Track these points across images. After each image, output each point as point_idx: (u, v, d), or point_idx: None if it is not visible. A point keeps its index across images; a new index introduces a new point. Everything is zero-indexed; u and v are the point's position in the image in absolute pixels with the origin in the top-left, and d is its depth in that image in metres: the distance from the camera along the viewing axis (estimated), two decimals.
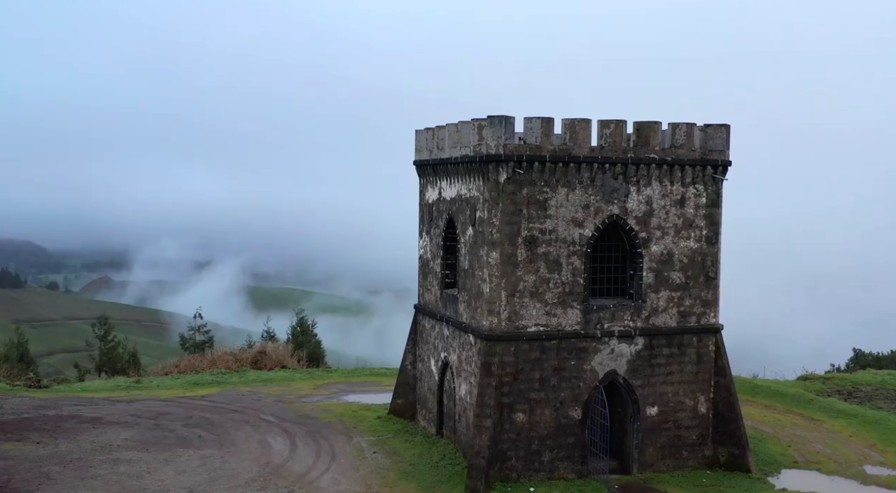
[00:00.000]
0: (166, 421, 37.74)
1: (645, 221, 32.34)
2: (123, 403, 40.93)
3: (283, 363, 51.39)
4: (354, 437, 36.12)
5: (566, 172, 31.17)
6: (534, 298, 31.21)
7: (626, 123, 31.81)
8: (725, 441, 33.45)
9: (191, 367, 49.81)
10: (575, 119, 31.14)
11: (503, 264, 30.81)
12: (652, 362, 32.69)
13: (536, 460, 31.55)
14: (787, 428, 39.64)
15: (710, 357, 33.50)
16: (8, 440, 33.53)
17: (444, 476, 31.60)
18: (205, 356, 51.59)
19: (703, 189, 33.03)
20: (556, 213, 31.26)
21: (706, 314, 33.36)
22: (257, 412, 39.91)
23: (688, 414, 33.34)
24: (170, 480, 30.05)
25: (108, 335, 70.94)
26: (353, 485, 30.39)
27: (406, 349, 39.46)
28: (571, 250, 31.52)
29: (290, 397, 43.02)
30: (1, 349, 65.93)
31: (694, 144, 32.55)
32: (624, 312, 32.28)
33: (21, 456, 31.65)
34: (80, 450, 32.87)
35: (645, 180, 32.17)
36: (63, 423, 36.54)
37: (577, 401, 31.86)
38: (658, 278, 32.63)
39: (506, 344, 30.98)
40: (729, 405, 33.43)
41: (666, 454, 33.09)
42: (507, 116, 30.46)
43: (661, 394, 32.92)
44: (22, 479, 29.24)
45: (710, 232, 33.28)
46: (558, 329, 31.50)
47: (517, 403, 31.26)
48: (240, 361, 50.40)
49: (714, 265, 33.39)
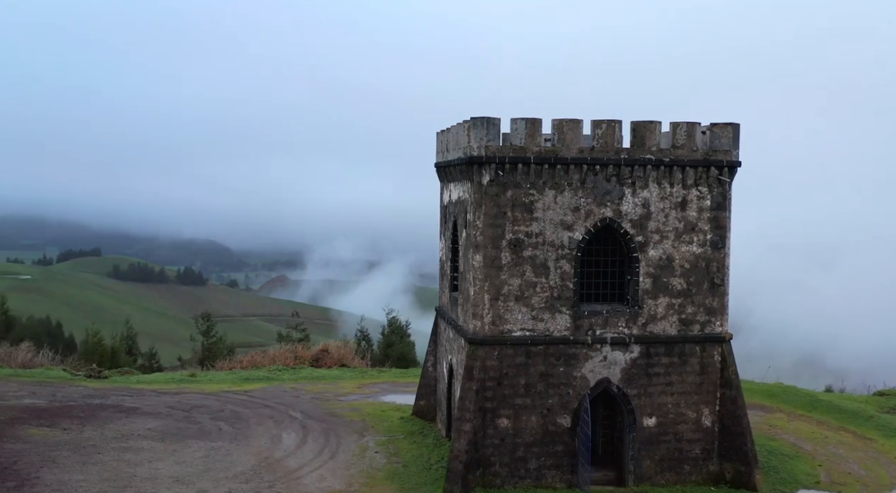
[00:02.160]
0: (197, 414, 39.39)
1: (641, 224, 31.16)
2: (168, 395, 43.01)
3: (342, 362, 52.43)
4: (366, 436, 36.56)
5: (554, 173, 30.48)
6: (519, 302, 30.67)
7: (621, 123, 30.79)
8: (731, 457, 31.75)
9: (252, 363, 51.62)
10: (563, 119, 30.41)
11: (486, 268, 30.47)
12: (649, 371, 31.45)
13: (522, 467, 30.98)
14: (830, 446, 37.14)
15: (715, 368, 31.89)
16: (39, 426, 35.95)
17: (431, 479, 31.51)
18: (266, 353, 53.31)
19: (707, 191, 31.49)
20: (543, 216, 30.60)
21: (711, 323, 31.77)
22: (288, 408, 41.02)
23: (690, 427, 31.85)
24: (165, 469, 31.40)
25: (210, 331, 74.94)
26: (336, 483, 30.81)
27: (428, 351, 39.61)
28: (560, 253, 30.77)
29: (327, 396, 43.95)
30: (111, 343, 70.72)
31: (696, 144, 31.10)
32: (618, 318, 31.21)
33: (40, 441, 33.88)
34: (100, 437, 34.82)
35: (641, 182, 31.01)
36: (100, 412, 38.81)
37: (565, 409, 31.07)
38: (656, 284, 31.36)
39: (489, 348, 30.60)
40: (735, 419, 31.69)
41: (665, 468, 31.75)
42: (490, 117, 30.12)
43: (660, 405, 31.61)
44: (28, 462, 31.33)
45: (715, 236, 31.68)
46: (546, 335, 30.82)
47: (501, 408, 30.80)
48: (300, 358, 51.79)
49: (720, 271, 31.76)
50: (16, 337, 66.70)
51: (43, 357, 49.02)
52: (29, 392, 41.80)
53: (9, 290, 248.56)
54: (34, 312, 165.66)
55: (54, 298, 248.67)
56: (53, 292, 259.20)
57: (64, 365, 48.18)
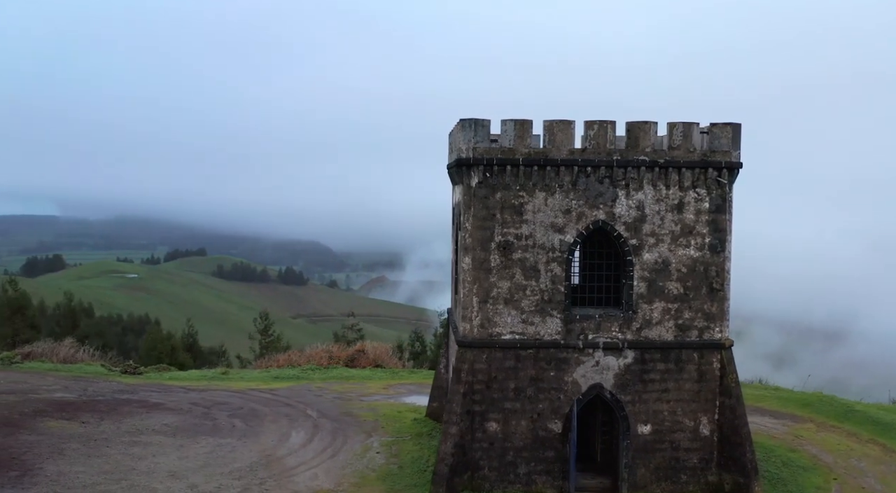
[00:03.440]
0: (216, 410, 40.27)
1: (636, 226, 30.49)
2: (195, 392, 44.10)
3: (378, 363, 52.79)
4: (373, 436, 36.76)
5: (544, 175, 30.10)
6: (509, 305, 30.39)
7: (615, 123, 30.19)
8: (730, 468, 30.76)
9: (288, 362, 52.46)
10: (554, 120, 30.00)
11: (475, 270, 30.30)
12: (644, 378, 30.74)
13: (511, 472, 30.69)
14: (852, 459, 35.61)
15: (714, 375, 30.95)
16: (59, 418, 37.36)
17: (423, 480, 31.47)
18: (303, 353, 54.09)
19: (705, 193, 30.60)
20: (533, 218, 30.25)
21: (709, 329, 30.85)
22: (307, 407, 41.54)
23: (687, 435, 30.99)
24: (165, 463, 32.23)
25: (268, 329, 76.69)
26: (327, 482, 31.09)
27: (441, 353, 39.62)
28: (551, 256, 30.36)
29: (350, 396, 44.33)
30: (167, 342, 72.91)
31: (692, 145, 30.26)
32: (611, 322, 30.61)
33: (55, 433, 35.20)
34: (114, 431, 35.97)
35: (635, 184, 30.34)
36: (123, 407, 40.07)
37: (556, 414, 30.63)
38: (651, 288, 30.64)
39: (477, 351, 30.42)
40: (734, 429, 30.68)
41: (661, 477, 30.97)
42: (478, 119, 29.94)
43: (656, 412, 30.85)
44: (37, 453, 32.59)
45: (714, 240, 30.75)
46: (536, 338, 30.46)
47: (490, 411, 30.58)
48: (335, 358, 52.38)
49: (719, 276, 30.81)
50: (81, 334, 69.54)
51: (84, 353, 50.90)
52: (62, 386, 43.47)
53: (116, 287, 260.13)
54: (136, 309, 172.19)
55: (158, 295, 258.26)
56: (158, 290, 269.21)
57: (103, 361, 49.89)
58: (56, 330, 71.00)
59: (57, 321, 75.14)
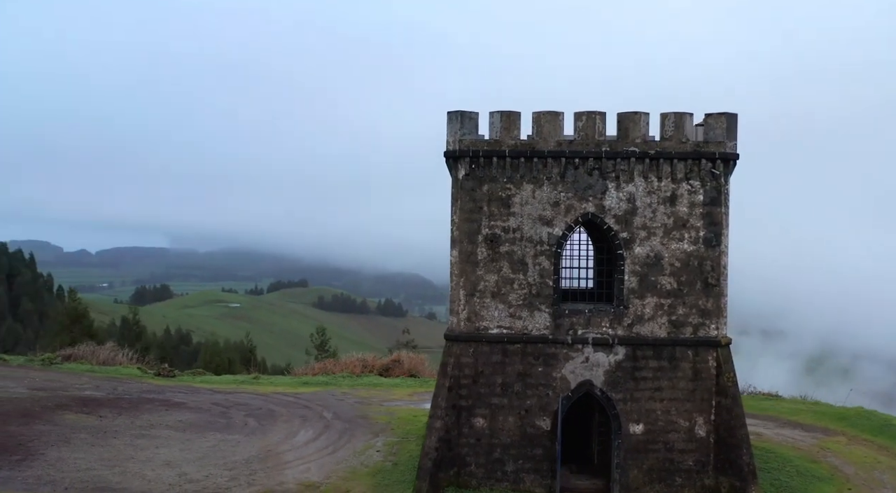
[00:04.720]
0: (235, 410, 40.84)
1: (626, 219, 29.80)
2: (221, 394, 44.83)
3: (413, 373, 52.73)
4: (379, 436, 36.69)
5: (531, 167, 29.77)
6: (496, 298, 30.03)
7: (604, 114, 29.71)
8: (727, 470, 29.50)
9: (323, 370, 52.84)
10: (541, 112, 29.71)
11: (462, 263, 30.08)
12: (636, 375, 29.85)
13: (499, 469, 30.12)
14: (875, 472, 33.73)
15: (709, 374, 29.83)
16: (79, 412, 38.47)
17: (413, 477, 31.14)
18: (338, 361, 54.43)
19: (699, 185, 29.73)
20: (520, 210, 29.91)
21: (705, 325, 29.81)
22: (324, 409, 41.75)
23: (682, 436, 29.89)
24: (164, 454, 32.80)
25: (324, 345, 77.82)
26: (316, 475, 31.09)
27: None
28: (539, 249, 29.92)
29: (372, 401, 44.36)
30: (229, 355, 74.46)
31: (685, 135, 29.50)
32: (602, 318, 29.90)
33: (69, 425, 36.25)
34: (127, 425, 36.83)
35: (626, 176, 29.71)
36: (145, 404, 41.02)
37: (545, 410, 29.98)
38: (643, 283, 29.83)
39: (464, 345, 30.09)
40: (730, 430, 29.45)
41: (654, 478, 29.91)
42: (465, 111, 29.88)
43: (649, 411, 29.89)
44: (44, 441, 33.61)
45: (709, 233, 29.80)
46: (524, 333, 29.96)
47: (477, 407, 30.14)
48: (368, 367, 52.54)
49: (715, 271, 29.79)
50: (143, 346, 71.75)
51: (123, 356, 52.37)
52: (93, 386, 44.79)
53: (219, 316, 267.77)
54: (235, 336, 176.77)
55: (258, 324, 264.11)
56: (259, 319, 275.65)
57: (140, 364, 51.24)
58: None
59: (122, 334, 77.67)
